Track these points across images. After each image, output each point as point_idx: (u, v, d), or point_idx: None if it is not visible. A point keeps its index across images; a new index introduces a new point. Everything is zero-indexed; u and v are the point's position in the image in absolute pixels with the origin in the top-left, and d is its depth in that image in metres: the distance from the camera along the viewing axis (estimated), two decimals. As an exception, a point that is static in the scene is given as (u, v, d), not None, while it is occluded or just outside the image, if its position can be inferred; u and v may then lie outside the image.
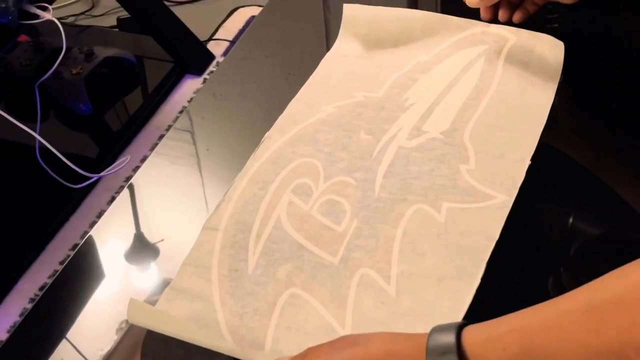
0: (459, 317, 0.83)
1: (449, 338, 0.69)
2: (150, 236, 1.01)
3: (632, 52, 1.13)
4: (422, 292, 0.86)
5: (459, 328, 0.70)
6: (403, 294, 0.86)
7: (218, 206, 0.98)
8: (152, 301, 0.90)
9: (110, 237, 1.03)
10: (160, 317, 0.87)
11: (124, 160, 2.14)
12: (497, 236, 0.89)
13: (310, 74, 1.14)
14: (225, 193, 1.00)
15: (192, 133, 1.13)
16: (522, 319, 0.69)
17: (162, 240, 1.00)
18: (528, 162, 0.96)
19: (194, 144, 1.11)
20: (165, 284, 0.91)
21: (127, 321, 0.90)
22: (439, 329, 0.71)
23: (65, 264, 1.00)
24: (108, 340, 0.90)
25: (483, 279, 0.86)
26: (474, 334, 0.70)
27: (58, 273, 1.00)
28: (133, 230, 1.02)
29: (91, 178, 2.07)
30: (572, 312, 0.64)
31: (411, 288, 0.86)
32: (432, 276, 0.87)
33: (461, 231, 0.91)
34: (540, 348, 0.65)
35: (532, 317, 0.68)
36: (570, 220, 0.92)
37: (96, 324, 0.93)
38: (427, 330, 0.73)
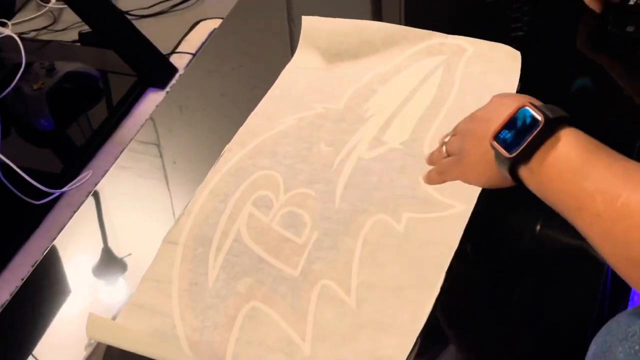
0: (419, 327, 0.83)
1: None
2: (117, 250, 1.00)
3: (590, 61, 1.14)
4: (382, 302, 0.86)
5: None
6: (364, 304, 0.86)
7: (178, 220, 0.98)
8: (115, 317, 0.90)
9: (73, 250, 1.02)
10: (119, 332, 0.86)
11: (86, 175, 2.12)
12: (456, 245, 0.90)
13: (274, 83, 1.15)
14: (185, 206, 0.99)
15: (158, 146, 1.12)
16: None
17: (130, 254, 0.99)
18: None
19: (161, 157, 1.10)
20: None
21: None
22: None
23: (25, 280, 0.99)
24: (76, 355, 0.89)
25: (443, 288, 0.86)
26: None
27: (17, 290, 0.99)
28: (96, 243, 1.01)
29: (53, 194, 2.05)
30: None
31: (372, 299, 0.86)
32: (393, 286, 0.87)
33: (421, 241, 0.91)
34: None
35: None
36: (538, 228, 0.93)
37: (64, 340, 0.93)
38: (389, 340, 0.73)
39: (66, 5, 2.67)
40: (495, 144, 0.73)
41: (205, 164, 1.06)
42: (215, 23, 2.66)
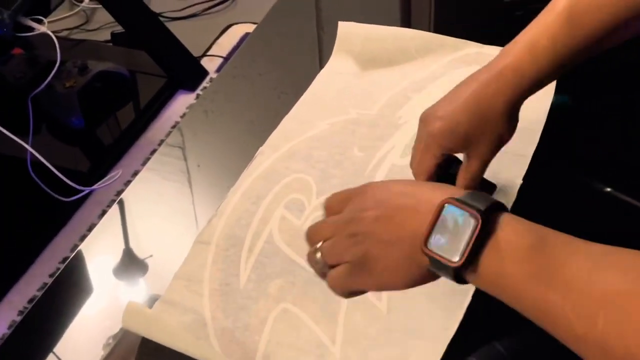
0: (450, 334, 0.83)
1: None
2: (140, 252, 1.00)
3: (627, 69, 1.14)
4: (413, 308, 0.86)
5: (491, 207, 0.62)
6: (394, 310, 0.86)
7: (210, 220, 0.98)
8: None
9: (99, 251, 1.03)
10: (155, 324, 0.87)
11: (115, 174, 2.14)
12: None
13: (302, 92, 1.15)
14: (218, 208, 1.00)
15: (183, 149, 1.13)
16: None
17: (151, 256, 1.00)
18: (520, 182, 0.97)
19: (185, 160, 1.11)
20: (154, 299, 0.91)
21: (114, 337, 0.90)
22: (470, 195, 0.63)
23: (55, 277, 1.00)
24: (94, 355, 0.90)
25: (474, 296, 0.86)
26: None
27: (47, 286, 0.99)
28: (122, 246, 1.01)
29: (82, 191, 2.06)
30: None
31: (403, 304, 0.86)
32: (424, 292, 0.87)
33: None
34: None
35: None
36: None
37: (84, 339, 0.93)
38: (419, 346, 0.73)
39: (99, 5, 2.70)
40: (432, 253, 0.62)
41: (228, 168, 1.07)
42: (247, 27, 2.68)
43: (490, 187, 0.90)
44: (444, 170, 0.86)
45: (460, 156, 0.86)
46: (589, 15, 0.80)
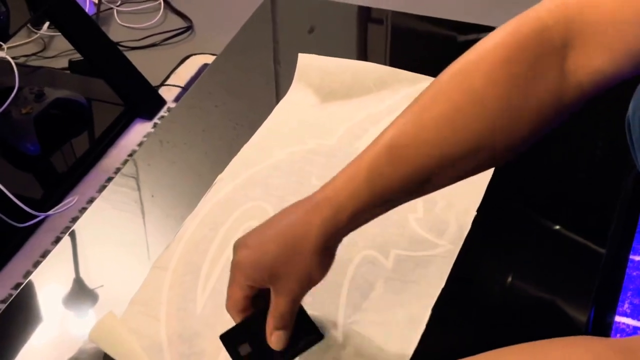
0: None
1: None
2: (90, 282, 1.00)
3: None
4: (368, 337, 0.87)
5: None
6: (350, 339, 0.87)
7: (168, 246, 0.99)
8: (89, 349, 0.90)
9: (51, 280, 1.02)
10: (121, 345, 0.87)
11: (70, 201, 2.13)
12: (443, 283, 0.91)
13: (258, 124, 1.16)
14: (176, 233, 1.00)
15: (137, 179, 1.13)
16: None
17: (102, 285, 1.00)
18: (474, 213, 0.99)
19: (139, 190, 1.11)
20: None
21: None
22: None
23: (6, 305, 0.99)
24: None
25: (428, 325, 0.87)
26: None
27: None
28: (73, 275, 1.01)
29: (37, 217, 2.05)
30: None
31: (358, 333, 0.87)
32: (379, 322, 0.88)
33: (408, 278, 0.92)
34: None
35: None
36: (509, 277, 0.95)
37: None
38: None
39: (57, 33, 2.70)
40: None
41: (182, 198, 1.07)
42: (205, 58, 2.70)
43: (313, 333, 0.84)
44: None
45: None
46: (412, 150, 0.76)
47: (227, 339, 0.82)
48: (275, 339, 0.80)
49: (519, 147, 0.78)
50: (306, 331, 0.83)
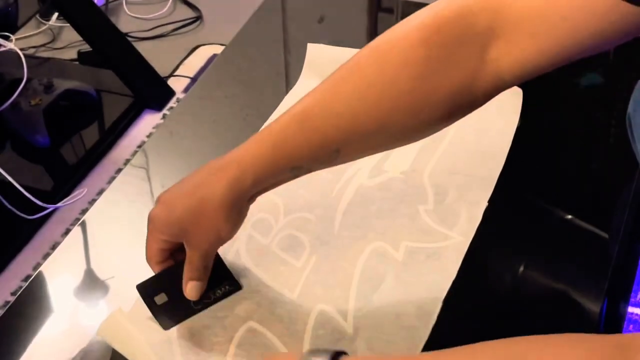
0: (415, 354, 0.83)
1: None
2: (101, 273, 1.00)
3: (589, 100, 1.16)
4: (379, 329, 0.86)
5: (336, 354, 0.70)
6: (360, 330, 0.86)
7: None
8: (100, 341, 0.89)
9: (61, 271, 1.02)
10: (128, 340, 0.87)
11: (80, 193, 2.13)
12: (454, 275, 0.90)
13: (268, 114, 1.15)
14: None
15: (147, 170, 1.13)
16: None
17: (113, 277, 0.99)
18: (485, 204, 0.98)
19: (149, 181, 1.11)
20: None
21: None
22: (314, 352, 0.71)
23: (17, 296, 0.99)
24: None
25: (439, 317, 0.87)
26: None
27: (9, 305, 0.99)
28: (84, 266, 1.01)
29: (47, 209, 2.05)
30: None
31: (368, 325, 0.87)
32: (389, 314, 0.88)
33: (418, 270, 0.92)
34: None
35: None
36: (521, 268, 0.94)
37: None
38: None
39: (66, 24, 2.69)
40: None
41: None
42: (214, 48, 2.69)
43: (230, 285, 0.90)
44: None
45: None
46: (320, 120, 0.79)
47: (144, 288, 0.88)
48: (189, 289, 0.85)
49: (427, 129, 0.81)
50: (223, 281, 0.89)
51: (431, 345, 0.84)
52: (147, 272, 0.94)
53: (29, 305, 0.98)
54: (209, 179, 0.81)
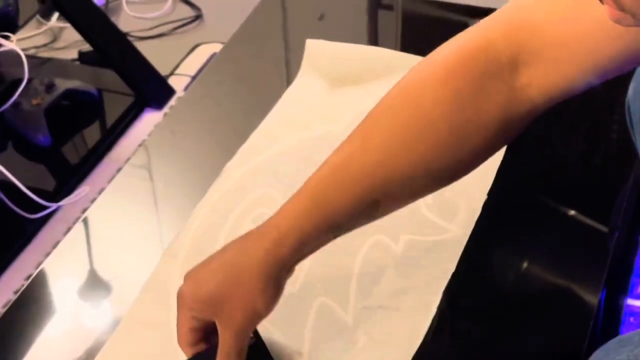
0: (415, 346, 0.84)
1: None
2: (103, 272, 1.00)
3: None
4: (379, 321, 0.87)
5: None
6: (360, 323, 0.87)
7: (179, 234, 0.99)
8: (103, 340, 0.90)
9: (63, 271, 1.02)
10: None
11: (82, 192, 2.13)
12: (453, 268, 0.91)
13: (269, 111, 1.16)
14: (187, 222, 1.00)
15: (149, 169, 1.13)
16: None
17: (115, 276, 1.00)
18: (484, 198, 0.98)
19: (151, 180, 1.11)
20: (117, 321, 0.91)
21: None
22: None
23: (18, 294, 0.99)
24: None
25: (439, 309, 0.87)
26: None
27: (11, 303, 0.99)
28: (87, 266, 1.01)
29: (48, 208, 2.05)
30: None
31: (368, 317, 0.87)
32: (389, 306, 0.88)
33: (418, 262, 0.92)
34: None
35: None
36: (520, 260, 0.94)
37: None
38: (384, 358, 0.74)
39: (66, 24, 2.69)
40: None
41: (194, 188, 1.07)
42: (214, 47, 2.68)
43: None
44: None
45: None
46: (356, 170, 0.76)
47: None
48: None
49: (471, 164, 0.78)
50: None
51: (431, 336, 0.85)
52: (149, 272, 0.94)
53: (32, 304, 0.98)
54: (245, 245, 0.76)
